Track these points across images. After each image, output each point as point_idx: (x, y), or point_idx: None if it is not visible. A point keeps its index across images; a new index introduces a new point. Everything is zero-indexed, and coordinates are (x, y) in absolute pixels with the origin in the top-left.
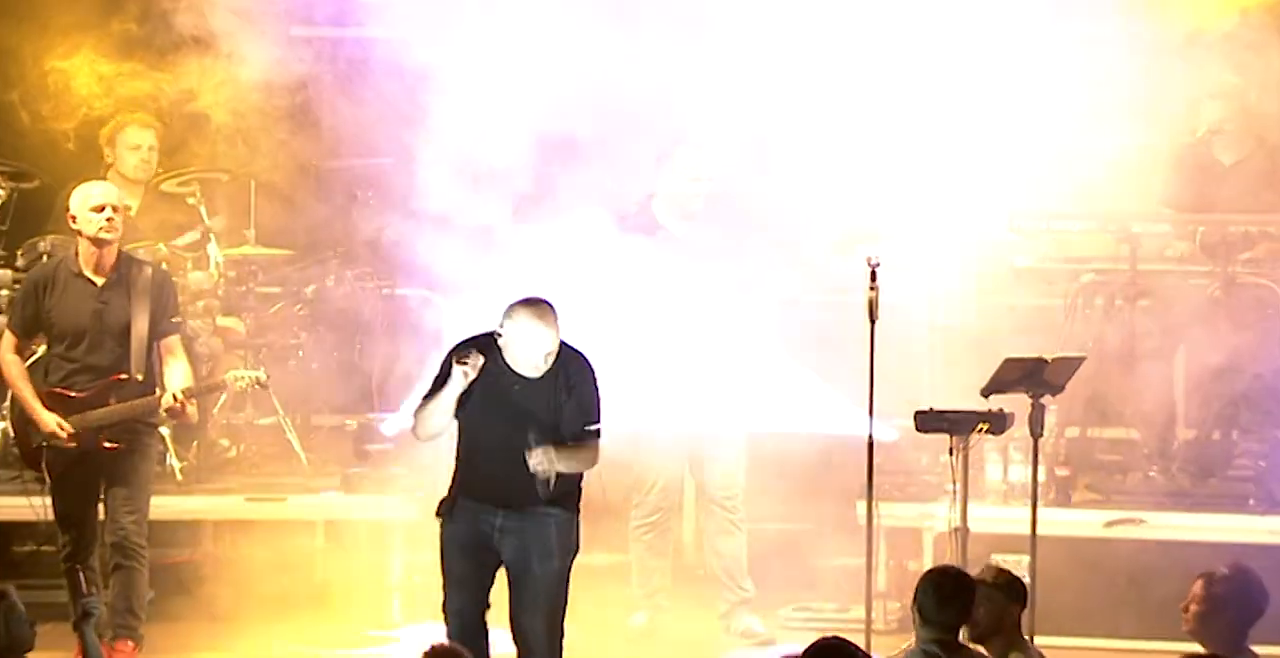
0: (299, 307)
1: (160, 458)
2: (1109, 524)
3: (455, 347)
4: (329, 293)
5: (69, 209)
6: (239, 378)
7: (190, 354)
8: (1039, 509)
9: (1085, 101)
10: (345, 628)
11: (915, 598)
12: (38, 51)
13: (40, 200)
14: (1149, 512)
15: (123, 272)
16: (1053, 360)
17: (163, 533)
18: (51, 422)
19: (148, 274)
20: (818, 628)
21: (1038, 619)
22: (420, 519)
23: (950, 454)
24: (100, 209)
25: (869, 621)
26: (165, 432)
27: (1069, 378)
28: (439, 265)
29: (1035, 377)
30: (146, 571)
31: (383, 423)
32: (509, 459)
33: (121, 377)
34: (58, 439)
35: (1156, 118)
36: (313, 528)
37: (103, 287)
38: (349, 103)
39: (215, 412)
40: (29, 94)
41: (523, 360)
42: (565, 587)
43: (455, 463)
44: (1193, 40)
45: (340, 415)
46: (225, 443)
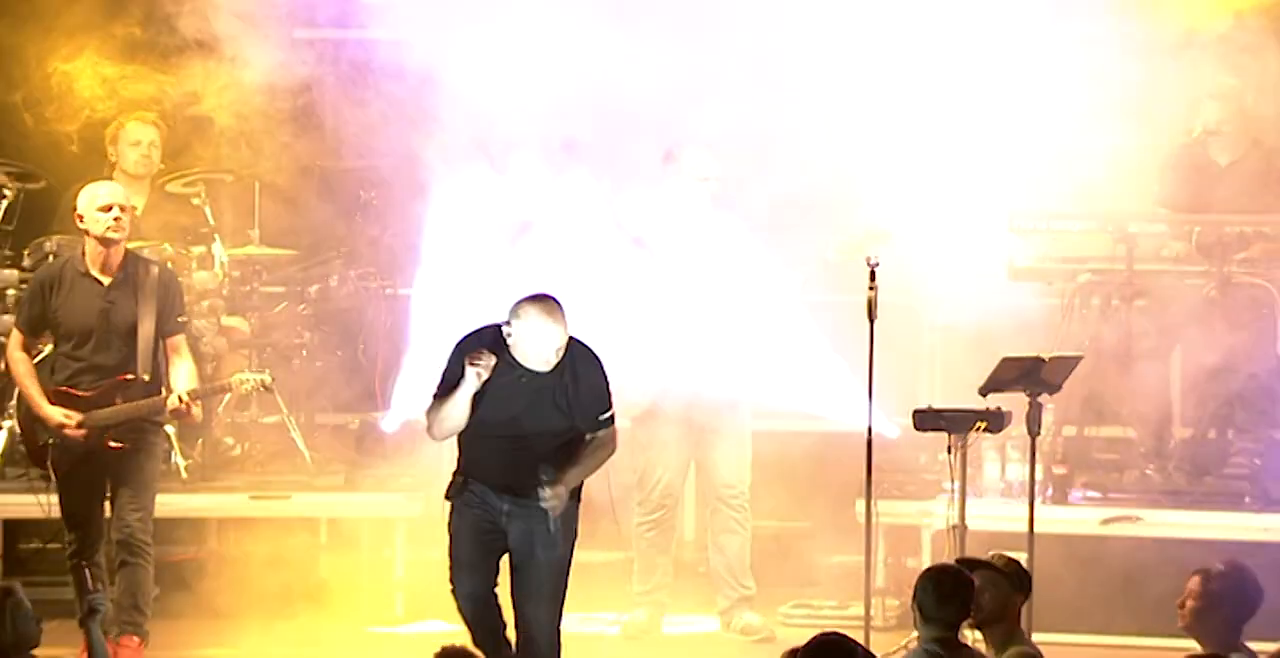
0: (303, 306)
1: (165, 456)
2: (1106, 522)
3: (461, 342)
4: (332, 292)
5: (76, 208)
6: (244, 381)
7: (195, 353)
8: (1036, 507)
9: (1083, 103)
10: (348, 625)
11: (915, 596)
12: (41, 53)
13: (46, 201)
14: (1145, 510)
15: (129, 271)
16: (1050, 360)
17: (168, 530)
18: (58, 414)
19: (154, 274)
20: (817, 625)
21: (1035, 616)
22: (423, 517)
23: (948, 453)
24: (108, 209)
25: (868, 617)
26: (170, 430)
27: (1066, 377)
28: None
29: (1033, 376)
30: (152, 568)
31: (383, 420)
32: (516, 450)
33: (128, 377)
34: (67, 430)
35: (1153, 119)
36: (316, 525)
37: (109, 286)
38: (352, 104)
39: (220, 410)
40: (32, 96)
41: (533, 356)
42: (567, 574)
43: (460, 447)
44: (1189, 42)
45: (344, 414)
46: (230, 441)
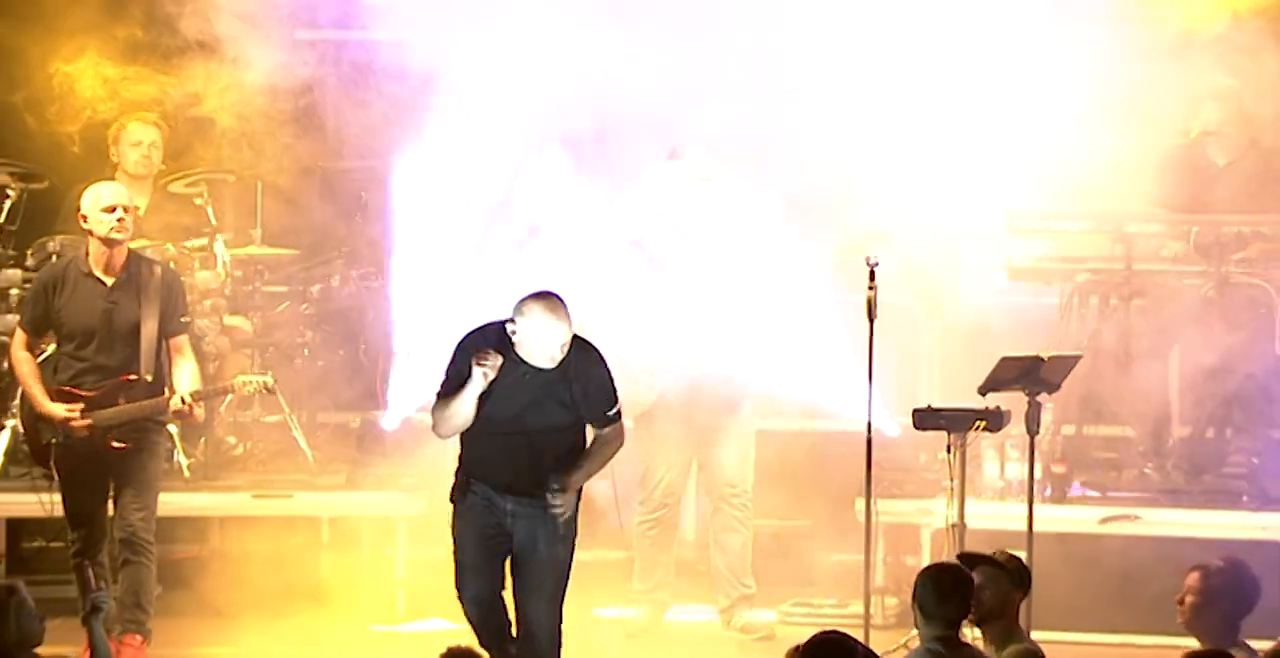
0: (305, 306)
1: (168, 455)
2: (1104, 521)
3: (465, 340)
4: (334, 292)
5: (80, 209)
6: (247, 383)
7: (198, 353)
8: (1035, 506)
9: (1081, 103)
10: (349, 623)
11: (915, 595)
12: (43, 54)
13: (49, 201)
14: (1144, 508)
15: (132, 271)
16: (1049, 359)
17: (170, 529)
18: (60, 409)
19: (157, 274)
20: (817, 623)
21: (1034, 614)
22: (424, 515)
23: (948, 452)
24: (111, 210)
25: (867, 616)
26: (173, 429)
27: (1065, 376)
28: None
29: (1032, 375)
30: (154, 566)
31: (382, 418)
32: (519, 447)
33: (131, 377)
34: (72, 422)
35: (1151, 119)
36: (318, 524)
37: (112, 287)
38: (353, 105)
39: (222, 410)
40: (34, 97)
41: (538, 353)
42: (568, 572)
43: (463, 448)
44: (1187, 43)
45: (345, 413)
46: (232, 440)
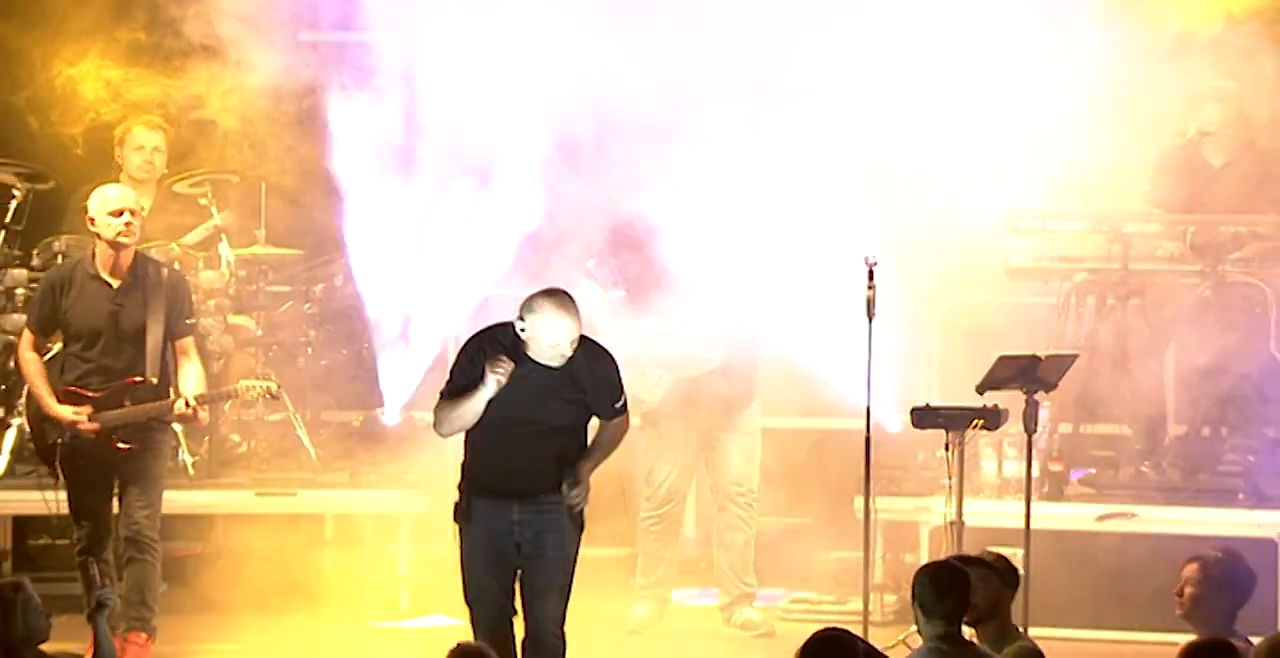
0: (308, 305)
1: (173, 453)
2: (1101, 518)
3: (471, 340)
4: (337, 291)
5: (87, 211)
6: (250, 388)
7: (202, 352)
8: (1032, 503)
9: (1079, 105)
10: (353, 620)
11: (914, 594)
12: (46, 56)
13: (55, 201)
14: (1140, 506)
15: (139, 274)
16: (1046, 358)
17: (175, 527)
18: (67, 411)
19: (163, 276)
20: (816, 620)
21: (1031, 611)
22: (427, 512)
23: (946, 450)
24: (119, 214)
25: (866, 612)
26: (178, 427)
27: (1062, 375)
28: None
29: (1029, 374)
30: (159, 564)
31: (384, 414)
32: (527, 447)
33: (136, 379)
34: (80, 425)
35: (1148, 121)
36: (321, 522)
37: (118, 289)
38: (356, 107)
39: (227, 408)
40: (37, 98)
41: (548, 351)
42: (573, 571)
43: (467, 460)
44: (1184, 45)
45: (349, 411)
46: (236, 438)
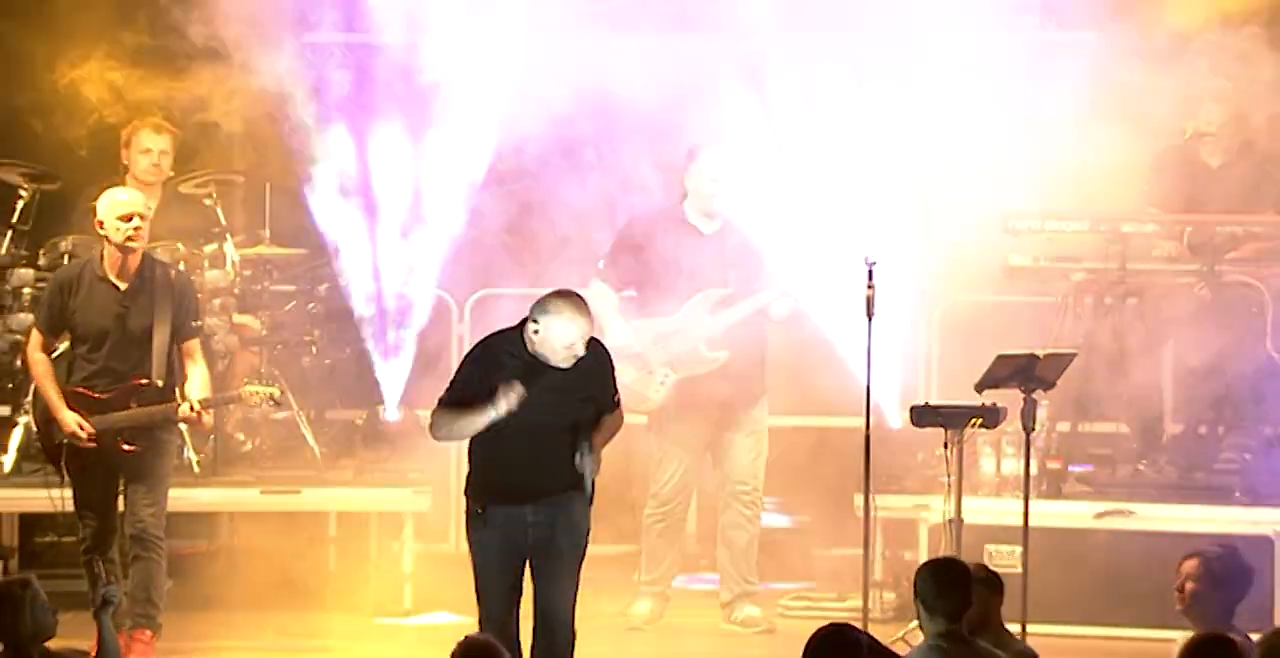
0: (312, 304)
1: (178, 452)
2: (1099, 516)
3: (477, 349)
4: (341, 291)
5: (96, 214)
6: (254, 393)
7: (207, 350)
8: (1031, 501)
9: (1078, 105)
10: (357, 616)
11: (916, 591)
12: (50, 59)
13: (60, 201)
14: (1137, 504)
15: (146, 277)
16: (1044, 357)
17: (180, 525)
18: (72, 422)
19: (170, 279)
20: (815, 617)
21: (1029, 608)
22: (431, 510)
23: (945, 448)
24: (129, 218)
25: (866, 609)
26: (183, 426)
27: (1060, 374)
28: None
29: (1027, 372)
30: (165, 561)
31: (386, 411)
32: (541, 450)
33: (142, 381)
34: (77, 439)
35: (1146, 121)
36: (325, 519)
37: (125, 292)
38: (358, 108)
39: (231, 407)
40: (41, 101)
41: (562, 352)
42: (583, 557)
43: (476, 463)
44: (1182, 46)
45: (352, 410)
46: (241, 437)
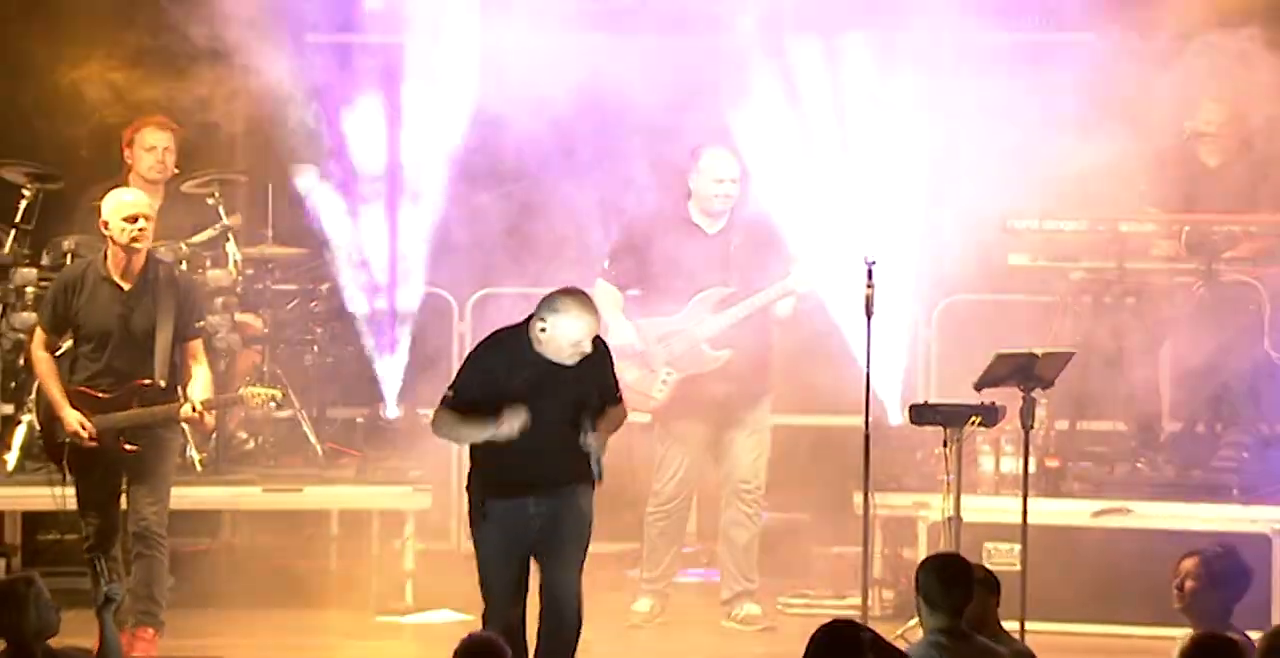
0: (314, 303)
1: (180, 450)
2: (1096, 514)
3: (481, 347)
4: (343, 290)
5: (101, 214)
6: (256, 395)
7: (209, 349)
8: (1029, 499)
9: (1077, 106)
10: (358, 614)
11: (918, 586)
12: (51, 59)
13: (63, 201)
14: (1135, 502)
15: (149, 277)
16: (1043, 355)
17: (182, 523)
18: (75, 421)
19: (174, 279)
20: (815, 615)
21: (1027, 605)
22: (432, 508)
23: (944, 446)
24: (134, 219)
25: (865, 607)
26: (185, 425)
27: (1058, 372)
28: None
29: (1026, 371)
30: (167, 559)
31: (386, 407)
32: (542, 446)
33: (145, 382)
34: (79, 439)
35: (1144, 122)
36: (327, 517)
37: (129, 292)
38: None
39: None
40: (43, 101)
41: (569, 349)
42: (589, 541)
43: (479, 460)
44: (1181, 47)
45: (354, 408)
46: (243, 435)
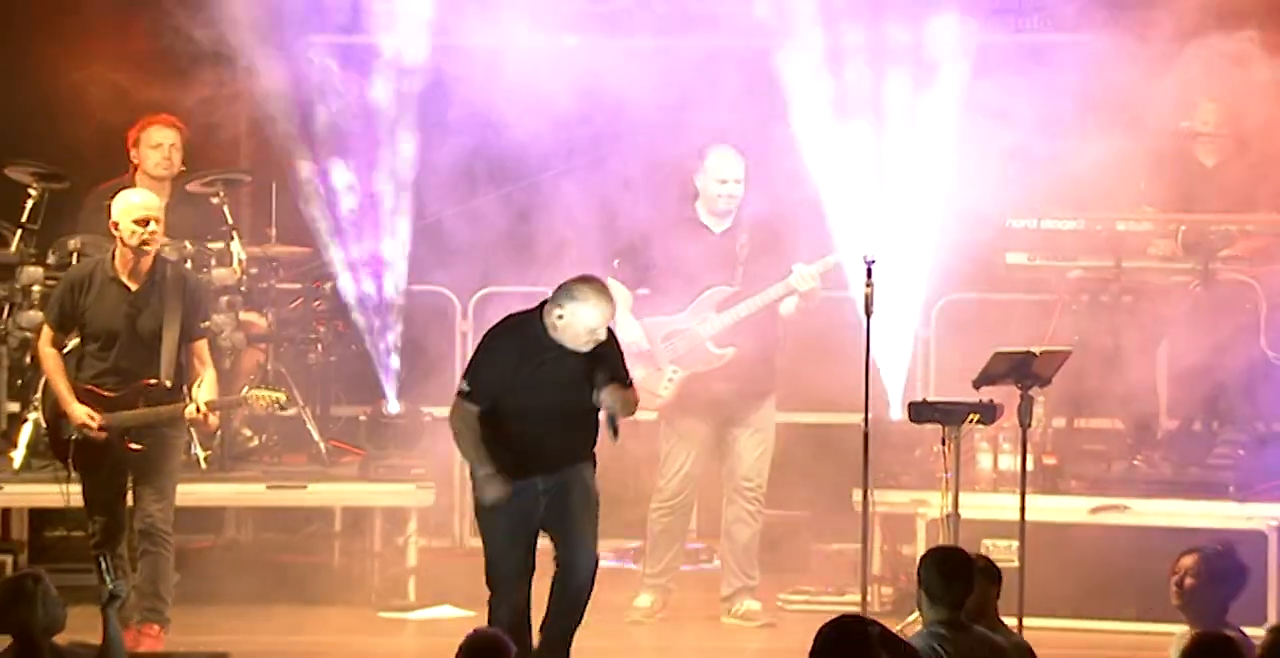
0: (318, 302)
1: (185, 447)
2: (1094, 511)
3: (496, 334)
4: (345, 288)
5: (110, 215)
6: (259, 397)
7: (214, 348)
8: (1027, 496)
9: (1074, 107)
10: (361, 610)
11: (920, 579)
12: (55, 60)
13: (69, 201)
14: (1132, 499)
15: (156, 278)
16: (1040, 354)
17: (187, 520)
18: (82, 414)
19: (181, 279)
20: (815, 611)
21: (1025, 601)
22: (435, 506)
23: (943, 444)
24: (144, 222)
25: (864, 603)
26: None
27: (1056, 370)
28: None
29: (1024, 369)
30: (172, 556)
31: (386, 406)
32: (552, 430)
33: (151, 382)
34: (87, 429)
35: (1142, 121)
36: (331, 514)
37: (136, 292)
38: (361, 109)
39: None
40: (47, 102)
41: (585, 336)
42: (598, 504)
43: (488, 444)
44: (1178, 47)
45: (357, 406)
46: (248, 433)
